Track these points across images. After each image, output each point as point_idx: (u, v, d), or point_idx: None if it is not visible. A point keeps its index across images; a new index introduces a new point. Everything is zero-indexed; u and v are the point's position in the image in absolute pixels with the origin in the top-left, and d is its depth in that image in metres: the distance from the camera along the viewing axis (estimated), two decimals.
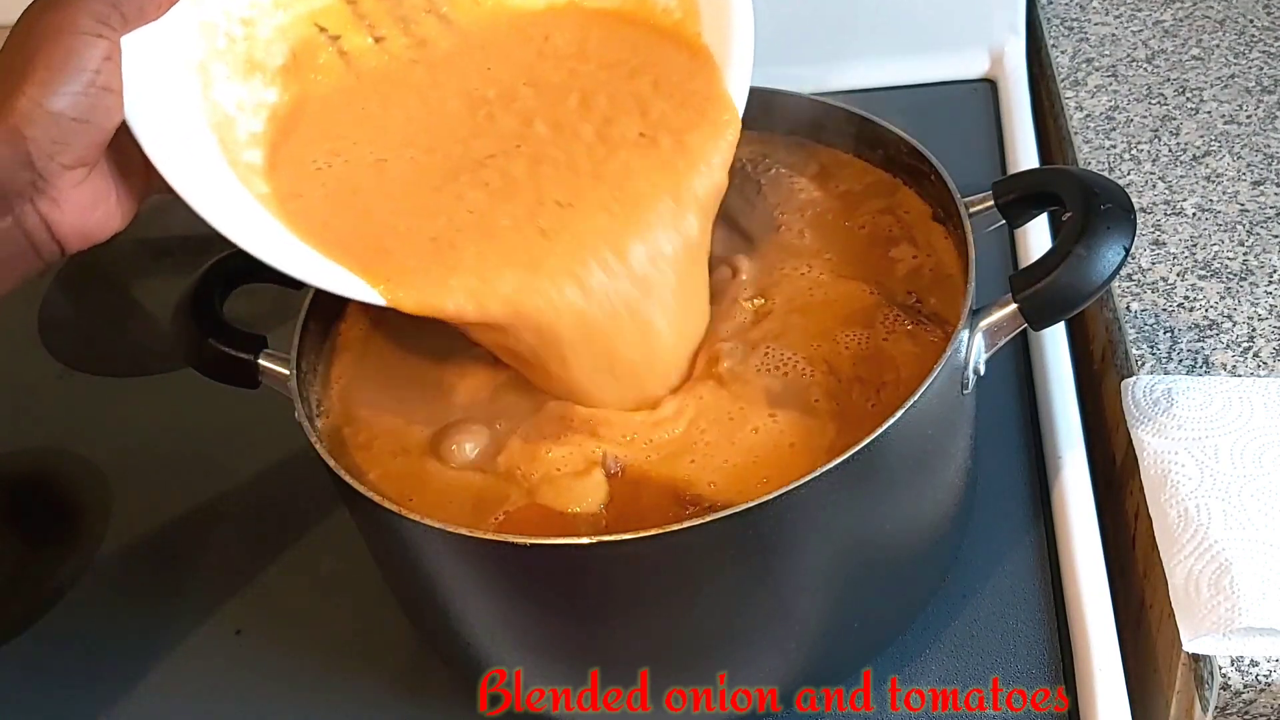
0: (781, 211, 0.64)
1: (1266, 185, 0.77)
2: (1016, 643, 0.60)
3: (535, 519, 0.52)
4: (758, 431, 0.53)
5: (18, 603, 0.72)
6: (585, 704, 0.57)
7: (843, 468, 0.48)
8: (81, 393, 0.85)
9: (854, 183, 0.65)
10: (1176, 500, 0.58)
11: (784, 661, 0.55)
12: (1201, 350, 0.67)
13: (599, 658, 0.55)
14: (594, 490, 0.52)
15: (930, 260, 0.60)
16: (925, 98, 0.96)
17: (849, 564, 0.54)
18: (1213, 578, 0.55)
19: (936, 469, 0.56)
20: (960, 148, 0.88)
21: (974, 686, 0.58)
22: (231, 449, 0.77)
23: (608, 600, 0.52)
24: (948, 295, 0.58)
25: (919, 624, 0.61)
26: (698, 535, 0.47)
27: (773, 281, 0.60)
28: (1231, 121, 0.82)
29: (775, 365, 0.56)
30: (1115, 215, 0.53)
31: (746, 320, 0.58)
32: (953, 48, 0.97)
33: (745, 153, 0.67)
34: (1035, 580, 0.63)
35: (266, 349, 0.60)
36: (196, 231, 0.50)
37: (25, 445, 0.83)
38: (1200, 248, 0.73)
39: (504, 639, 0.56)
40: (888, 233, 0.62)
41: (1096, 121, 0.84)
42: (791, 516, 0.49)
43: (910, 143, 0.63)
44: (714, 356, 0.56)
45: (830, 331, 0.57)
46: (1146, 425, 0.62)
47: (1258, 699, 0.54)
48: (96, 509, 0.76)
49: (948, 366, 0.52)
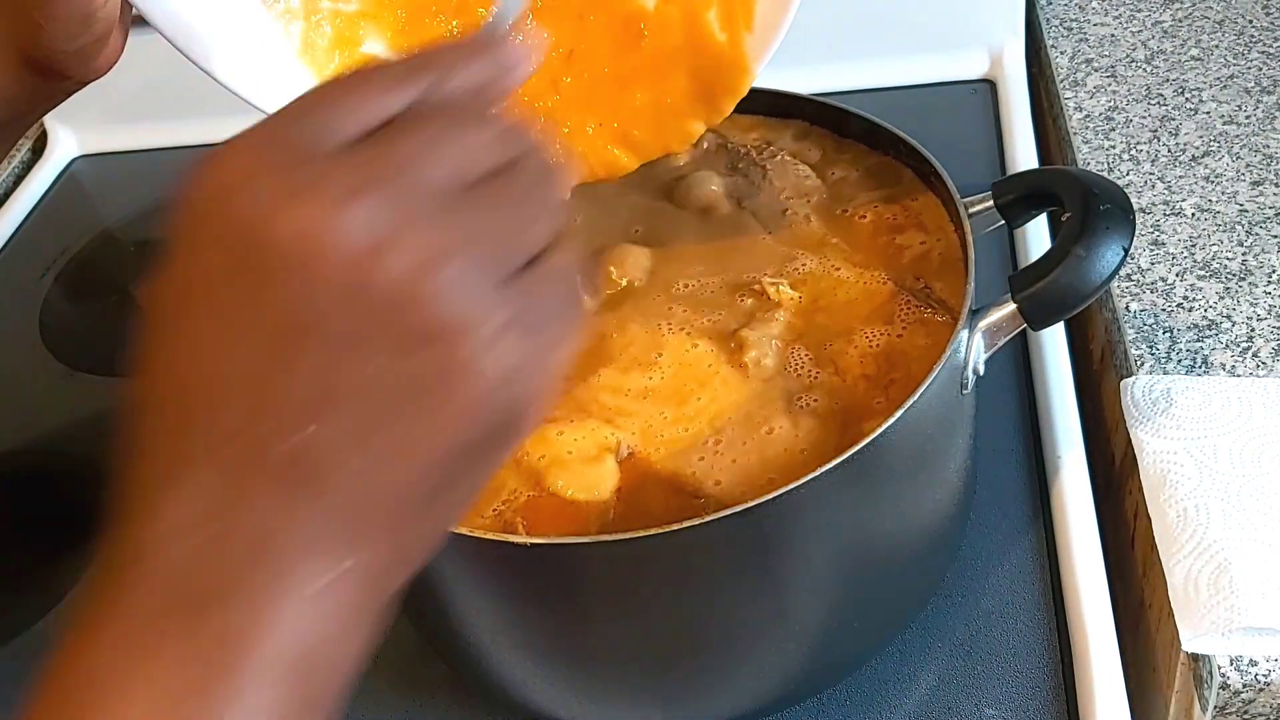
0: (788, 196, 0.64)
1: (1265, 185, 0.77)
2: (1015, 641, 0.60)
3: (547, 508, 0.52)
4: (772, 432, 0.53)
5: (18, 603, 0.72)
6: (586, 703, 0.57)
7: (843, 468, 0.48)
8: (81, 393, 0.85)
9: (857, 169, 0.65)
10: (1176, 500, 0.58)
11: (784, 660, 0.55)
12: (1201, 350, 0.67)
13: (599, 657, 0.55)
14: (606, 477, 0.52)
15: (940, 245, 0.60)
16: (925, 98, 0.97)
17: (849, 563, 0.54)
18: (1212, 577, 0.55)
19: (936, 469, 0.56)
20: (960, 148, 0.88)
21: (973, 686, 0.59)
22: None
23: (608, 600, 0.52)
24: (956, 280, 0.58)
25: (919, 623, 0.61)
26: (698, 535, 0.47)
27: (794, 272, 0.60)
28: (1231, 122, 0.82)
29: (799, 366, 0.56)
30: (1114, 216, 0.53)
31: (771, 311, 0.58)
32: (953, 48, 0.97)
33: (750, 138, 0.67)
34: (1034, 580, 0.63)
35: None
36: None
37: (25, 445, 0.83)
38: (1199, 248, 0.73)
39: (504, 638, 0.56)
40: (892, 220, 0.62)
41: (1096, 122, 0.84)
42: (792, 516, 0.49)
43: (910, 143, 0.63)
44: (740, 344, 0.56)
45: (853, 332, 0.57)
46: (1146, 425, 0.62)
47: (1257, 699, 0.54)
48: (96, 509, 0.76)
49: (947, 366, 0.52)
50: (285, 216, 0.28)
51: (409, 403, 0.29)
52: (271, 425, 0.29)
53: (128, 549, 0.30)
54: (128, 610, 0.29)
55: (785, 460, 0.52)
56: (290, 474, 0.29)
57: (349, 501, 0.29)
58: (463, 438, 0.30)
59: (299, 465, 0.29)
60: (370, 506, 0.30)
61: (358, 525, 0.30)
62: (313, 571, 0.29)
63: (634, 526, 0.47)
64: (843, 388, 0.55)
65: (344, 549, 0.30)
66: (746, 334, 0.57)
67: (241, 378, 0.29)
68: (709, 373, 0.56)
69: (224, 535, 0.29)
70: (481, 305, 0.29)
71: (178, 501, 0.29)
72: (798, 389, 0.55)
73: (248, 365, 0.29)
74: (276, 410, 0.29)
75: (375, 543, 0.30)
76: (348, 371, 0.28)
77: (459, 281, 0.29)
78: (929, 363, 0.51)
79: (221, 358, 0.29)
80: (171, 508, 0.30)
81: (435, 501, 0.32)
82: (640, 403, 0.55)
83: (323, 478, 0.29)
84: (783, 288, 0.59)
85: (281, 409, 0.29)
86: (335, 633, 0.30)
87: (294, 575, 0.29)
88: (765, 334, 0.57)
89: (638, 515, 0.51)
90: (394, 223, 0.28)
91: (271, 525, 0.29)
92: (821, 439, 0.53)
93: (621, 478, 0.53)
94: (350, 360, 0.28)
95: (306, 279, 0.28)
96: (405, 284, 0.28)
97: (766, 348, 0.56)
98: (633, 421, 0.54)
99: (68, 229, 1.00)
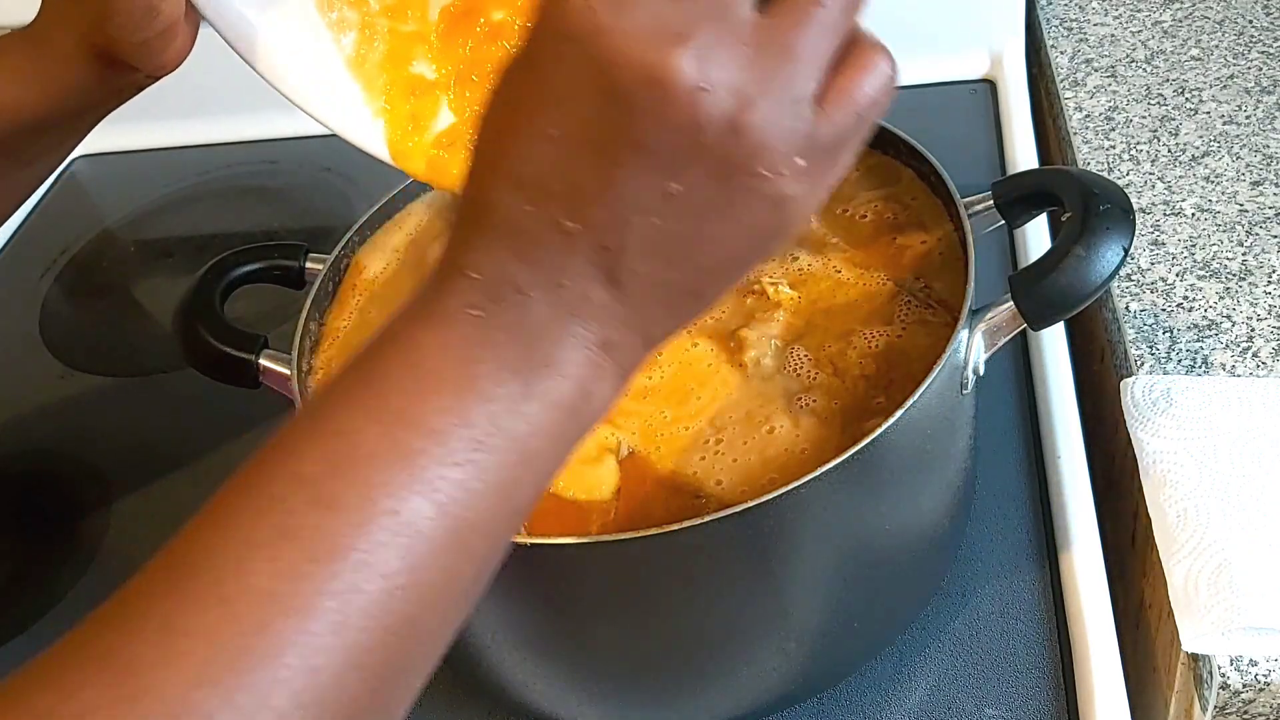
0: None
1: (1265, 185, 0.77)
2: (1015, 641, 0.60)
3: (547, 509, 0.52)
4: (772, 432, 0.53)
5: (18, 603, 0.72)
6: (585, 703, 0.57)
7: (843, 468, 0.48)
8: (81, 393, 0.85)
9: (857, 168, 0.65)
10: (1176, 500, 0.58)
11: (784, 661, 0.55)
12: (1201, 350, 0.67)
13: (599, 656, 0.55)
14: (607, 477, 0.52)
15: (940, 245, 0.60)
16: (925, 98, 0.97)
17: (849, 564, 0.54)
18: (1212, 577, 0.55)
19: (936, 469, 0.56)
20: (960, 148, 0.88)
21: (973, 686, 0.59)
22: (231, 449, 0.77)
23: (608, 600, 0.52)
24: (956, 280, 0.58)
25: (919, 623, 0.61)
26: (698, 535, 0.47)
27: (794, 272, 0.60)
28: (1230, 122, 0.82)
29: (798, 366, 0.56)
30: (1114, 215, 0.53)
31: (770, 311, 0.58)
32: (953, 48, 0.98)
33: None
34: (1034, 580, 0.63)
35: (267, 349, 0.60)
36: (197, 231, 0.50)
37: (25, 445, 0.83)
38: (1199, 248, 0.73)
39: (504, 638, 0.56)
40: (893, 220, 0.62)
41: (1096, 122, 0.84)
42: (791, 516, 0.49)
43: (910, 143, 0.63)
44: (740, 343, 0.56)
45: (853, 332, 0.57)
46: (1146, 425, 0.62)
47: (1257, 698, 0.54)
48: (96, 509, 0.76)
49: (947, 366, 0.52)
50: (635, 50, 0.32)
51: (715, 219, 0.35)
52: (600, 222, 0.34)
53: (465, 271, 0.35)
54: (458, 323, 0.35)
55: (786, 460, 0.52)
56: (606, 265, 0.35)
57: (646, 290, 0.35)
58: (748, 249, 0.36)
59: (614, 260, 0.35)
60: (662, 295, 0.36)
61: (648, 308, 0.36)
62: (607, 338, 0.36)
63: (634, 526, 0.47)
64: (843, 388, 0.55)
65: (633, 324, 0.36)
66: (746, 333, 0.57)
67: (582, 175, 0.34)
68: (709, 372, 0.56)
69: (546, 295, 0.35)
70: (792, 135, 0.34)
71: (516, 256, 0.35)
72: (798, 389, 0.55)
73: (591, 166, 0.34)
74: (607, 211, 0.34)
75: (656, 321, 0.37)
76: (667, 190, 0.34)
77: (775, 115, 0.33)
78: (929, 363, 0.51)
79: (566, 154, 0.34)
80: (509, 260, 0.35)
81: (709, 291, 0.37)
82: (640, 402, 0.55)
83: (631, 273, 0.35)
84: (782, 287, 0.59)
85: (612, 211, 0.34)
86: (607, 386, 0.36)
87: (593, 340, 0.35)
88: (765, 334, 0.57)
89: (638, 515, 0.51)
90: (723, 60, 0.33)
91: (585, 299, 0.35)
92: (822, 439, 0.53)
93: (622, 477, 0.53)
94: (671, 180, 0.34)
95: (645, 109, 0.33)
96: (727, 117, 0.33)
97: (766, 347, 0.56)
98: (633, 421, 0.54)
99: (68, 229, 1.01)
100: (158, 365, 0.85)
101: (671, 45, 0.32)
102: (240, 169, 1.03)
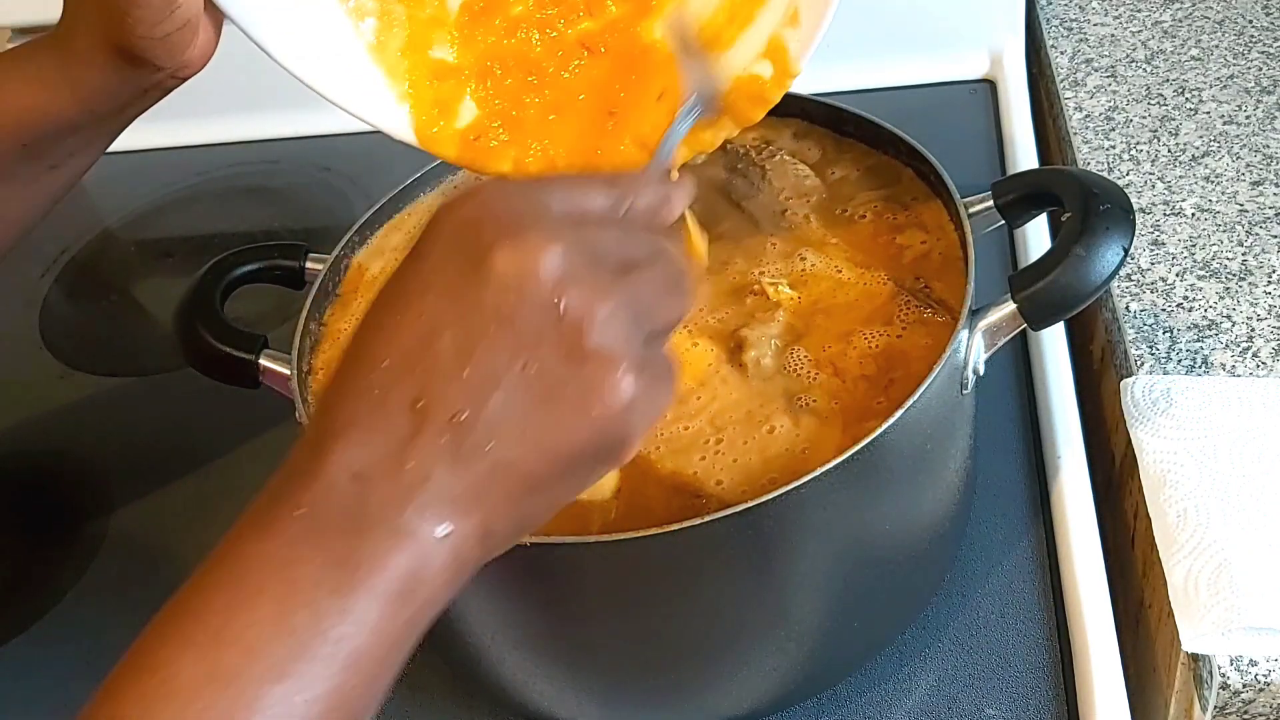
0: (788, 196, 0.64)
1: (1265, 185, 0.77)
2: (1016, 642, 0.60)
3: None
4: (773, 432, 0.53)
5: (18, 603, 0.72)
6: (585, 703, 0.57)
7: (843, 468, 0.48)
8: (81, 393, 0.85)
9: (857, 168, 0.65)
10: (1176, 500, 0.58)
11: (784, 660, 0.55)
12: (1200, 350, 0.67)
13: (599, 656, 0.55)
14: (607, 477, 0.52)
15: (940, 245, 0.60)
16: (925, 98, 0.97)
17: (849, 563, 0.54)
18: (1212, 577, 0.55)
19: (936, 469, 0.56)
20: (960, 148, 0.88)
21: (973, 686, 0.59)
22: (231, 449, 0.77)
23: (608, 600, 0.52)
24: (956, 280, 0.58)
25: (919, 623, 0.61)
26: (698, 535, 0.47)
27: (794, 272, 0.60)
28: (1230, 122, 0.82)
29: (798, 366, 0.56)
30: (1114, 216, 0.53)
31: (771, 311, 0.58)
32: (953, 48, 0.97)
33: (748, 138, 0.67)
34: (1034, 580, 0.63)
35: (267, 349, 0.60)
36: (197, 231, 0.50)
37: (25, 445, 0.83)
38: (1199, 248, 0.73)
39: (504, 638, 0.56)
40: (892, 220, 0.62)
41: (1095, 122, 0.84)
42: (792, 516, 0.49)
43: (910, 143, 0.63)
44: (740, 343, 0.56)
45: (853, 332, 0.57)
46: (1146, 425, 0.62)
47: (1257, 698, 0.54)
48: (96, 509, 0.76)
49: (947, 366, 0.52)
50: (511, 242, 0.36)
51: (558, 402, 0.37)
52: (454, 395, 0.36)
53: (300, 473, 0.36)
54: (284, 527, 0.36)
55: (786, 460, 0.52)
56: (454, 440, 0.36)
57: (488, 471, 0.36)
58: (585, 443, 0.37)
59: (463, 434, 0.36)
60: (502, 479, 0.37)
61: (488, 492, 0.37)
62: (444, 520, 0.36)
63: (634, 526, 0.47)
64: (843, 388, 0.55)
65: (473, 508, 0.37)
66: (746, 333, 0.57)
67: (444, 350, 0.36)
68: (709, 372, 0.56)
69: (386, 476, 0.36)
70: (631, 344, 0.37)
71: (357, 443, 0.36)
72: (798, 389, 0.55)
73: (453, 341, 0.36)
74: (462, 384, 0.36)
75: (495, 510, 0.37)
76: (522, 364, 0.36)
77: (619, 321, 0.37)
78: (929, 363, 0.51)
79: (432, 332, 0.36)
80: (349, 447, 0.36)
81: (546, 491, 0.38)
82: None
83: (476, 448, 0.36)
84: (782, 288, 0.59)
85: (468, 383, 0.36)
86: (441, 576, 0.37)
87: (429, 521, 0.36)
88: (765, 334, 0.57)
89: (638, 515, 0.51)
90: (583, 267, 0.37)
91: (426, 477, 0.36)
92: (822, 439, 0.53)
93: (622, 477, 0.53)
94: (526, 355, 0.36)
95: (515, 288, 0.36)
96: (582, 309, 0.36)
97: (766, 347, 0.56)
98: None
99: (68, 229, 1.00)
100: (158, 365, 0.85)
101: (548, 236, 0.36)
102: (240, 169, 1.03)
